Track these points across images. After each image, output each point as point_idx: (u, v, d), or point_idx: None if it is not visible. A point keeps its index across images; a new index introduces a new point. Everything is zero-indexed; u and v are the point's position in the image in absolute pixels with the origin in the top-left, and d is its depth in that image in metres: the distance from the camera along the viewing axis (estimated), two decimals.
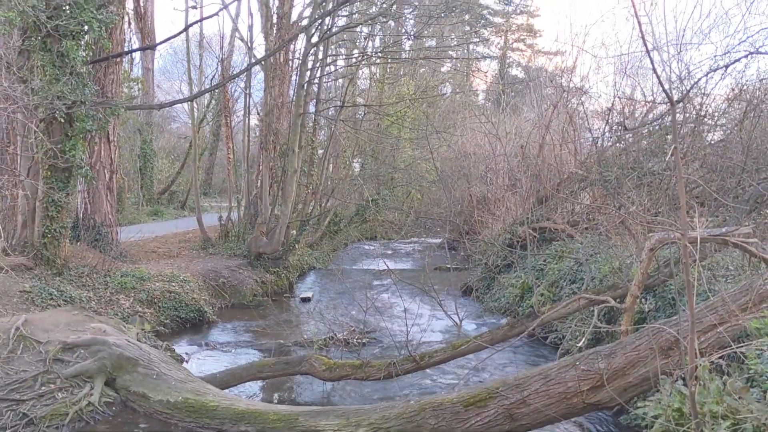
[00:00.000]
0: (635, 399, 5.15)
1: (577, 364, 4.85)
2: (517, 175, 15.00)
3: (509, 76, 40.43)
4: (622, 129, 11.18)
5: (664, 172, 9.46)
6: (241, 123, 23.35)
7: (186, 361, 8.37)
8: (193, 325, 10.59)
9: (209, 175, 33.22)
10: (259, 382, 7.49)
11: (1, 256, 8.97)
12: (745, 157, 8.76)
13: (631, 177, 9.86)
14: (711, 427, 3.97)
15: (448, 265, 15.20)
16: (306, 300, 13.39)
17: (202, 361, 8.55)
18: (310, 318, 11.41)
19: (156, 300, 10.23)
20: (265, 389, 7.54)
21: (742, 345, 4.59)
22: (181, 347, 9.07)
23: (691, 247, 4.05)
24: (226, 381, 6.97)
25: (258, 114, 18.06)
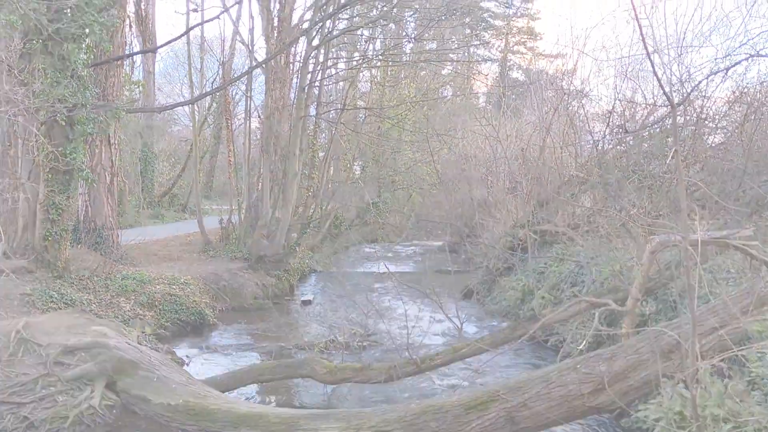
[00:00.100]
0: (636, 402, 5.14)
1: (578, 367, 4.84)
2: (518, 178, 15.00)
3: (510, 78, 40.45)
4: (622, 132, 11.17)
5: (665, 175, 9.46)
6: (242, 126, 23.35)
7: (186, 364, 8.35)
8: (194, 328, 10.58)
9: (210, 177, 33.16)
10: (260, 385, 7.48)
11: (2, 259, 8.98)
12: (746, 159, 8.74)
13: (632, 180, 9.86)
14: (712, 431, 3.96)
15: (449, 268, 15.13)
16: (307, 303, 13.38)
17: (203, 364, 8.54)
18: (310, 321, 11.42)
19: (157, 303, 10.22)
20: (266, 392, 7.52)
21: (744, 348, 4.59)
22: (182, 350, 9.07)
23: (692, 250, 4.06)
24: (227, 384, 6.96)
25: (259, 117, 18.06)
